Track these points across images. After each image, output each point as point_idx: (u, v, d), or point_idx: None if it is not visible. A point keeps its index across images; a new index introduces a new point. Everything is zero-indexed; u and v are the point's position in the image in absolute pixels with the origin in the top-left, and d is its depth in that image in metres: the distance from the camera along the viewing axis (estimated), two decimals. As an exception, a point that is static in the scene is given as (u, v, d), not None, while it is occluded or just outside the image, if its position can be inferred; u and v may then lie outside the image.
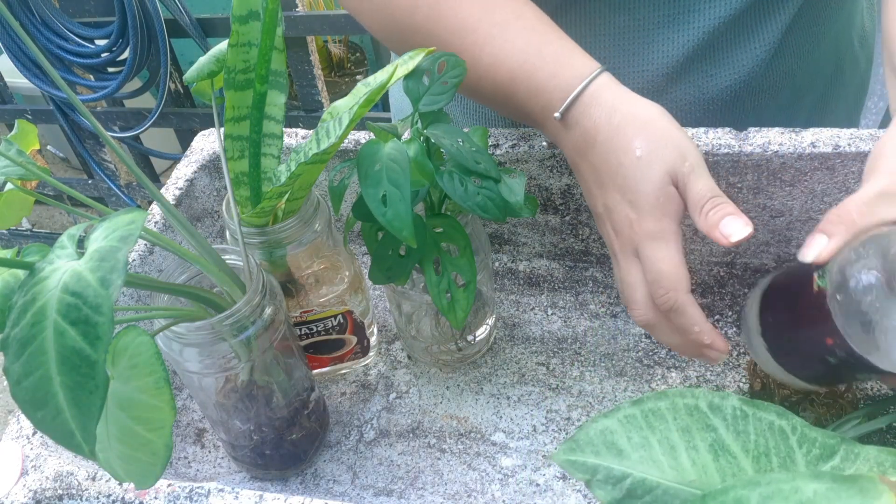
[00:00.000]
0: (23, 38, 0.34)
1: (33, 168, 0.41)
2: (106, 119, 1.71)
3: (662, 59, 0.58)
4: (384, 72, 0.47)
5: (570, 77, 0.47)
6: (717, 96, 0.60)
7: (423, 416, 0.56)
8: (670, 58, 0.57)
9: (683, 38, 0.57)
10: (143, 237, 0.38)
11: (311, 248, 0.52)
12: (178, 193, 0.62)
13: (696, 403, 0.31)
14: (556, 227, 0.64)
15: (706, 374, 0.56)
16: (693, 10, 0.55)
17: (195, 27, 1.46)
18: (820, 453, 0.29)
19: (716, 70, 0.58)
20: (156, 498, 0.43)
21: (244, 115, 0.48)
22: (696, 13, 0.56)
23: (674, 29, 0.56)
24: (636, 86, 0.58)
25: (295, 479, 0.54)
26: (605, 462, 0.30)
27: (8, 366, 0.30)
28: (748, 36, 0.57)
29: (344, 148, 0.63)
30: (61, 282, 0.30)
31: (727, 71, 0.59)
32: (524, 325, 0.62)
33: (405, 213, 0.41)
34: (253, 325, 0.44)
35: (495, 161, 0.47)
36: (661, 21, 0.56)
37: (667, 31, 0.56)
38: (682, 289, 0.43)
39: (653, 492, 0.29)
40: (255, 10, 0.45)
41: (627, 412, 0.31)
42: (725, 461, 0.29)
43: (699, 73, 0.59)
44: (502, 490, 0.51)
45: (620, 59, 0.58)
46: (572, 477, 0.45)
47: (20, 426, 0.48)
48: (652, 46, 0.57)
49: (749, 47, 0.58)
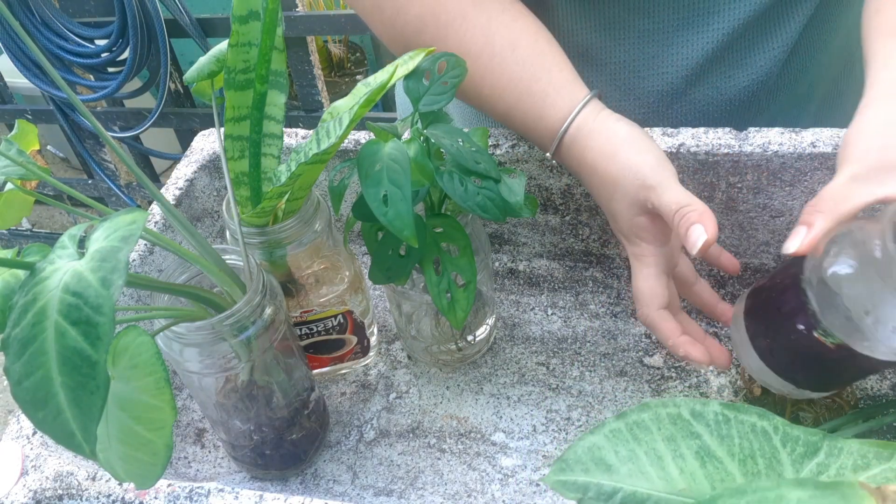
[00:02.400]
0: (23, 38, 0.34)
1: (33, 168, 0.41)
2: (106, 119, 1.71)
3: (682, 62, 0.58)
4: (384, 72, 0.47)
5: (554, 120, 0.50)
6: (734, 96, 0.60)
7: (423, 416, 0.57)
8: (690, 60, 0.57)
9: (703, 41, 0.57)
10: (144, 237, 0.38)
11: (312, 248, 0.52)
12: (178, 193, 0.62)
13: (679, 412, 0.31)
14: (556, 227, 0.64)
15: (706, 374, 0.56)
16: (713, 11, 0.55)
17: (195, 27, 1.46)
18: (804, 451, 0.29)
19: (734, 71, 0.59)
20: (156, 498, 0.43)
21: (244, 115, 0.48)
22: (716, 15, 0.56)
23: (693, 31, 0.56)
24: (655, 89, 0.59)
25: (295, 479, 0.54)
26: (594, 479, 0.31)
27: (9, 366, 0.30)
28: (766, 37, 0.57)
29: (344, 148, 0.63)
30: (62, 282, 0.30)
31: (745, 72, 0.59)
32: (524, 325, 0.62)
33: (406, 212, 0.41)
34: (253, 325, 0.44)
35: (495, 161, 0.47)
36: (681, 24, 0.56)
37: (686, 33, 0.56)
38: (654, 305, 0.47)
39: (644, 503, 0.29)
40: (255, 10, 0.45)
41: (613, 427, 0.32)
42: (712, 467, 0.30)
43: (718, 75, 0.59)
44: (502, 490, 0.51)
45: (640, 62, 0.58)
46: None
47: (20, 426, 0.48)
48: (671, 49, 0.57)
49: (767, 48, 0.58)
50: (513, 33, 0.51)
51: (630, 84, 0.59)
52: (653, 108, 0.60)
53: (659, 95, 0.59)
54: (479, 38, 0.51)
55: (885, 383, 0.54)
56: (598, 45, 0.57)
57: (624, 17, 0.56)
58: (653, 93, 0.59)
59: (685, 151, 0.55)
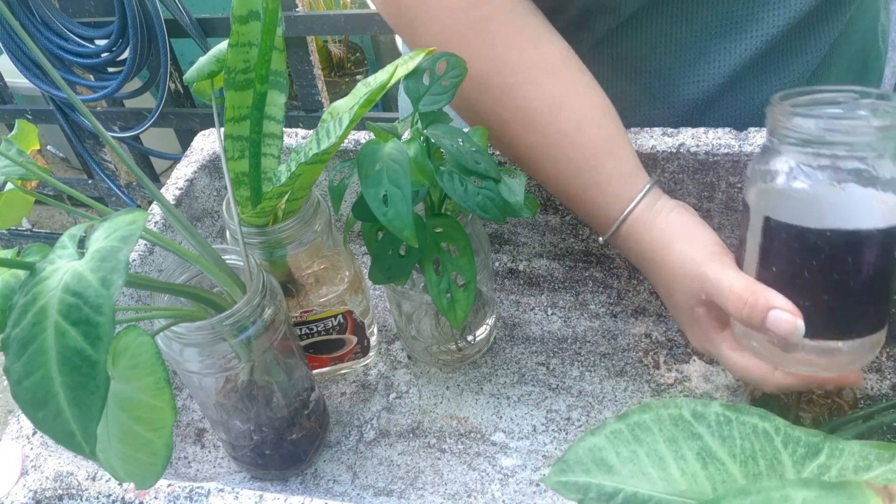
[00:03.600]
0: (23, 38, 0.34)
1: (33, 168, 0.41)
2: (106, 119, 1.71)
3: (718, 70, 0.57)
4: (384, 72, 0.47)
5: (613, 210, 0.50)
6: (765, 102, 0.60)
7: (423, 416, 0.57)
8: (726, 67, 0.57)
9: (741, 48, 0.56)
10: (144, 237, 0.38)
11: (312, 248, 0.52)
12: (178, 193, 0.62)
13: (680, 413, 0.31)
14: (556, 227, 0.64)
15: (706, 374, 0.56)
16: (752, 19, 0.55)
17: (195, 27, 1.46)
18: (805, 452, 0.29)
19: (767, 76, 0.58)
20: (156, 498, 0.43)
21: (244, 115, 0.48)
22: (756, 22, 0.55)
23: (731, 39, 0.56)
24: (689, 97, 0.58)
25: (295, 479, 0.54)
26: (595, 480, 0.30)
27: (9, 366, 0.30)
28: (803, 43, 0.57)
29: (344, 148, 0.63)
30: (62, 282, 0.30)
31: (779, 77, 0.58)
32: (524, 325, 0.62)
33: (406, 212, 0.41)
34: (253, 326, 0.44)
35: (495, 161, 0.47)
36: (719, 31, 0.55)
37: (724, 41, 0.56)
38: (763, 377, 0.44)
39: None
40: (255, 10, 0.45)
41: (614, 427, 0.32)
42: (714, 468, 0.30)
43: (753, 81, 0.58)
44: (502, 490, 0.51)
45: (675, 70, 0.57)
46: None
47: (20, 426, 0.48)
48: (708, 57, 0.57)
49: (803, 54, 0.57)
50: (583, 110, 0.49)
51: (664, 92, 0.59)
52: (685, 115, 0.60)
53: (693, 103, 0.59)
54: (546, 112, 0.49)
55: (885, 383, 0.54)
56: (633, 53, 0.56)
57: (662, 24, 0.55)
58: (686, 101, 0.59)
59: (685, 151, 0.55)
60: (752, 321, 0.40)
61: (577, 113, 0.49)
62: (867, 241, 0.38)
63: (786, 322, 0.39)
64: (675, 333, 0.59)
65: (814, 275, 0.39)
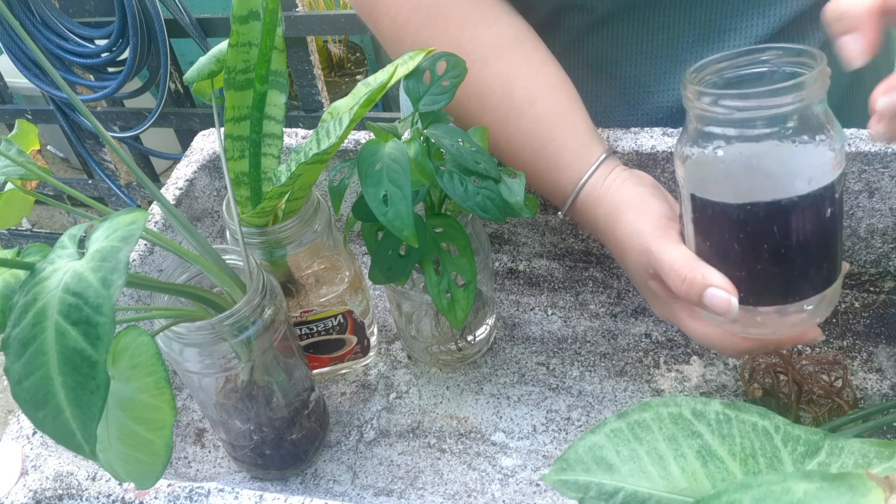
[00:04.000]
0: (23, 38, 0.34)
1: (33, 168, 0.41)
2: (106, 119, 1.71)
3: None
4: (384, 72, 0.47)
5: (566, 183, 0.50)
6: None
7: (423, 416, 0.57)
8: None
9: None
10: (144, 237, 0.38)
11: (312, 248, 0.52)
12: (178, 193, 0.62)
13: (680, 411, 0.31)
14: (556, 227, 0.64)
15: (706, 374, 0.56)
16: (730, 29, 0.55)
17: (195, 27, 1.46)
18: (805, 450, 0.29)
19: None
20: (156, 498, 0.43)
21: (244, 115, 0.48)
22: (733, 33, 0.55)
23: (709, 49, 0.55)
24: (664, 105, 0.58)
25: (295, 479, 0.54)
26: (596, 478, 0.30)
27: (9, 366, 0.30)
28: None
29: (344, 148, 0.63)
30: (62, 282, 0.30)
31: None
32: (524, 325, 0.62)
33: (406, 212, 0.41)
34: (253, 326, 0.44)
35: (495, 161, 0.47)
36: (696, 41, 0.55)
37: (701, 50, 0.56)
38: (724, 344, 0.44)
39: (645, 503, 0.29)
40: (255, 10, 0.45)
41: (614, 426, 0.32)
42: (714, 466, 0.30)
43: None
44: (502, 490, 0.51)
45: (651, 77, 0.57)
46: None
47: (20, 426, 0.48)
48: (685, 66, 0.56)
49: None
50: (533, 85, 0.50)
51: (639, 99, 0.59)
52: (660, 123, 0.60)
53: (668, 111, 0.58)
54: (498, 89, 0.50)
55: (885, 383, 0.54)
56: (609, 59, 0.56)
57: (640, 32, 0.55)
58: (661, 108, 0.58)
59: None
60: (690, 298, 0.41)
61: (528, 90, 0.50)
62: (789, 209, 0.38)
63: (720, 300, 0.40)
64: (675, 333, 0.59)
65: (744, 246, 0.39)
